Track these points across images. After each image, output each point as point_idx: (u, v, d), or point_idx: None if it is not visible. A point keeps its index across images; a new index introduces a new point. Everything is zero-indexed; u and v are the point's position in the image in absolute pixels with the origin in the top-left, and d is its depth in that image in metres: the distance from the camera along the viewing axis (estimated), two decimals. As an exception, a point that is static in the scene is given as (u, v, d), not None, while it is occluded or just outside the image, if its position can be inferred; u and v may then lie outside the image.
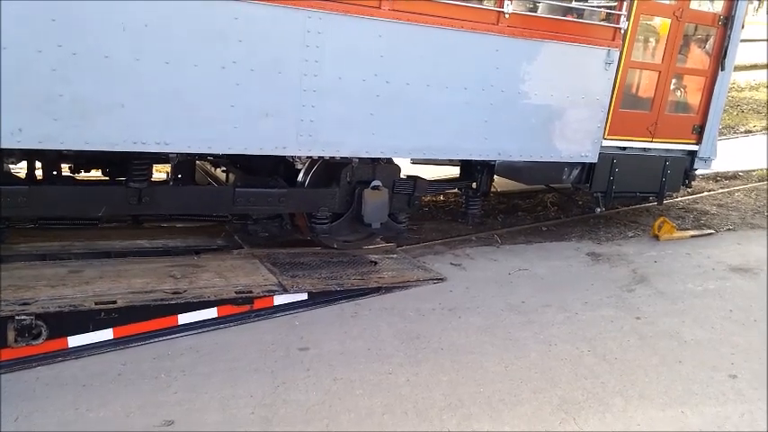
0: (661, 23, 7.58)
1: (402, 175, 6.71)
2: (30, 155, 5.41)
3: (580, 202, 9.19)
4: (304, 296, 5.57)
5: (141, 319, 4.85)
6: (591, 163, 7.29)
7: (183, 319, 5.02)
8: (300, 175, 6.33)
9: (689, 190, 9.41)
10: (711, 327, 5.69)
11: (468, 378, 4.60)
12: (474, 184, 7.33)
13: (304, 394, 4.27)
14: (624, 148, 7.55)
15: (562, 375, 4.72)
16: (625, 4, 6.71)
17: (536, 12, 6.63)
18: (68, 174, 5.95)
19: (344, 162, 6.22)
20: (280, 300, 5.45)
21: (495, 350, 5.04)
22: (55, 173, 5.79)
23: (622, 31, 6.80)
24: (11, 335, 4.37)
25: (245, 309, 5.28)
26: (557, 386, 4.57)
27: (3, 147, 4.65)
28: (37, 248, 5.73)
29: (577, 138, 6.98)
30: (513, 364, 4.85)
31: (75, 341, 4.62)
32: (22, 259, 5.51)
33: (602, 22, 6.85)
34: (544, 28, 6.39)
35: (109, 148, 4.93)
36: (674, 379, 4.77)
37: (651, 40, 7.89)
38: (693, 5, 7.59)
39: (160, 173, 6.98)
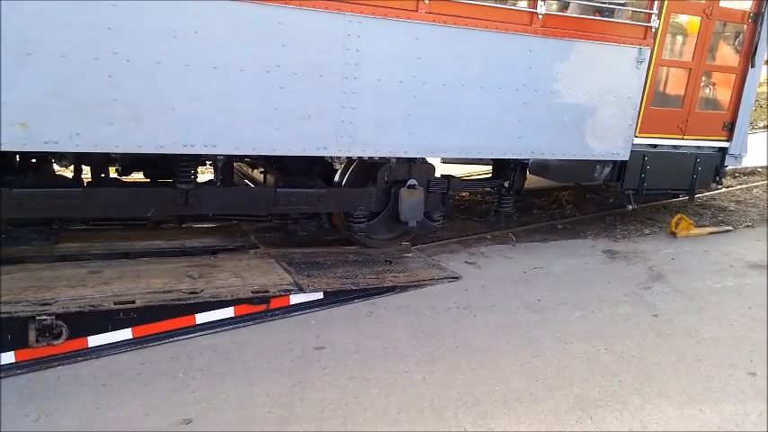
0: (691, 21, 7.59)
1: (436, 174, 6.83)
2: (79, 158, 5.60)
3: (611, 200, 9.17)
4: (319, 295, 5.59)
5: (159, 319, 4.91)
6: (622, 161, 7.33)
7: (201, 318, 5.07)
8: (337, 175, 6.48)
9: (719, 186, 9.33)
10: (730, 324, 5.63)
11: (484, 376, 4.59)
12: (506, 183, 7.43)
13: (320, 393, 4.29)
14: (655, 146, 7.59)
15: (579, 374, 4.70)
16: (656, 2, 6.76)
17: (567, 11, 6.67)
18: (115, 176, 6.13)
19: (381, 162, 6.33)
20: (295, 299, 5.48)
21: (511, 348, 5.03)
22: (102, 175, 5.98)
23: (653, 30, 6.84)
24: (32, 335, 4.44)
25: (261, 308, 5.32)
26: (573, 384, 4.55)
27: (61, 150, 4.89)
28: (57, 249, 5.81)
29: (609, 136, 7.03)
30: (529, 362, 4.84)
31: (94, 341, 4.69)
32: (43, 260, 5.60)
33: (633, 21, 6.89)
34: (576, 28, 6.46)
35: (160, 150, 5.10)
36: (693, 377, 4.73)
37: (681, 37, 7.90)
38: (723, 3, 7.58)
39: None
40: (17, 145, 4.65)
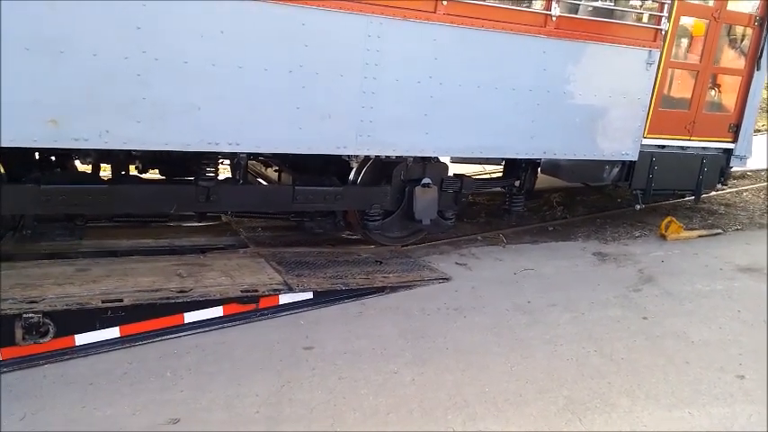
0: (699, 24, 7.70)
1: (449, 174, 6.94)
2: (101, 155, 5.61)
3: (619, 200, 9.27)
4: (309, 295, 5.57)
5: (147, 318, 4.88)
6: (631, 161, 7.43)
7: (189, 317, 5.04)
8: (352, 173, 6.53)
9: (724, 187, 9.44)
10: (719, 327, 5.65)
11: (474, 378, 4.59)
12: (517, 182, 7.52)
13: (309, 393, 4.28)
14: (663, 147, 7.69)
15: (568, 375, 4.70)
16: (666, 5, 6.87)
17: (578, 13, 6.76)
18: (134, 173, 6.18)
19: (397, 161, 6.42)
20: (285, 299, 5.46)
21: (501, 350, 5.03)
22: (123, 173, 6.02)
23: (663, 33, 6.94)
24: (18, 333, 4.40)
25: (250, 308, 5.29)
26: (562, 386, 4.55)
27: (91, 148, 4.96)
28: (44, 247, 5.76)
29: (619, 136, 7.15)
30: (518, 363, 4.83)
31: (82, 339, 4.65)
32: (30, 258, 5.55)
33: (643, 24, 7.01)
34: (588, 30, 6.56)
35: (186, 148, 5.17)
36: (681, 379, 4.74)
37: (689, 40, 8.01)
38: (730, 6, 7.69)
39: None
40: (48, 142, 4.72)
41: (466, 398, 4.33)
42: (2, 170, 5.28)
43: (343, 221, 6.92)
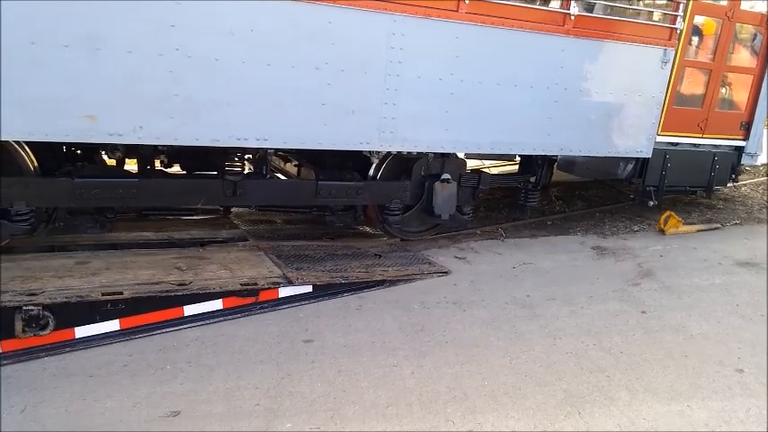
0: (712, 23, 7.79)
1: (467, 169, 7.05)
2: (128, 149, 5.74)
3: (632, 196, 9.33)
4: (309, 288, 5.58)
5: (147, 311, 4.88)
6: (645, 158, 7.54)
7: (189, 310, 5.04)
8: (372, 168, 6.63)
9: (734, 184, 9.56)
10: (718, 321, 5.66)
11: (473, 371, 4.59)
12: (533, 178, 7.63)
13: (308, 386, 4.28)
14: (676, 144, 7.81)
15: (567, 369, 4.71)
16: (681, 5, 6.96)
17: (593, 12, 6.79)
18: (160, 168, 6.26)
19: (417, 156, 6.52)
20: (284, 292, 5.46)
21: (500, 343, 5.04)
22: (148, 167, 6.08)
23: (678, 31, 7.03)
24: (18, 325, 4.41)
25: (249, 301, 5.29)
26: (562, 380, 4.56)
27: (125, 143, 5.10)
28: (45, 240, 5.75)
29: (633, 134, 7.25)
30: (517, 357, 4.84)
31: (81, 332, 4.65)
32: (30, 250, 5.55)
33: (659, 23, 7.08)
34: (606, 29, 6.65)
35: (215, 144, 5.27)
36: (680, 373, 4.75)
37: (703, 39, 8.09)
38: (743, 6, 7.83)
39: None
40: (84, 137, 4.82)
41: (465, 391, 4.33)
42: (36, 163, 5.33)
43: (363, 216, 7.00)
